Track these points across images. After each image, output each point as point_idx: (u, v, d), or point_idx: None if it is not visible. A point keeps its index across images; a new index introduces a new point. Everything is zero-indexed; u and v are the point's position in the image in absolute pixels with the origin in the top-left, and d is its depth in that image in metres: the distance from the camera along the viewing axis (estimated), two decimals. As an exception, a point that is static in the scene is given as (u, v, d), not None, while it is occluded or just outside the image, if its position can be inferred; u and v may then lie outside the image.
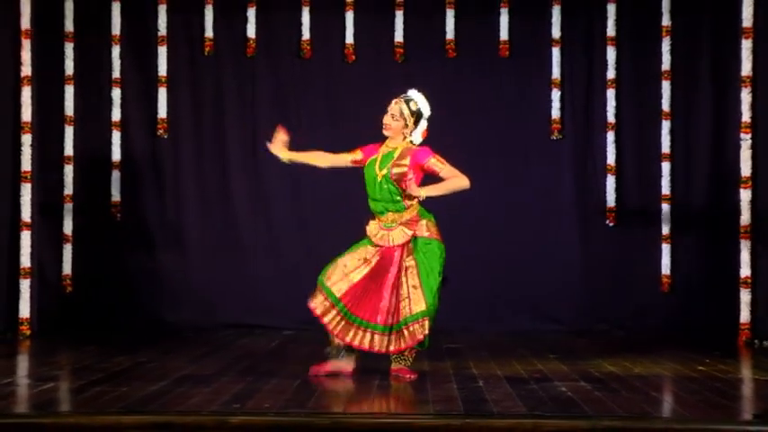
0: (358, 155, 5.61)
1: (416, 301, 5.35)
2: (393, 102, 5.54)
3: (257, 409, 4.40)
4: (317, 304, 5.44)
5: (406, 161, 5.45)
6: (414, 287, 5.37)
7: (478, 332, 7.62)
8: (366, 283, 5.41)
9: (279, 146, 5.69)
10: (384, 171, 5.45)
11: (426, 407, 4.58)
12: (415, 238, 5.45)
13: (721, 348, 6.78)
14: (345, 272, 5.42)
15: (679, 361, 6.18)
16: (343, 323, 5.40)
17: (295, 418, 4.20)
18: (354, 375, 5.42)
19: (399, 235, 5.45)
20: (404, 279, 5.39)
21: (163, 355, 6.37)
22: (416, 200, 5.47)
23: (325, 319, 5.42)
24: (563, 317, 8.06)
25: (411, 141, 5.52)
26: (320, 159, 5.73)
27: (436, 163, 5.46)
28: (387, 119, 5.51)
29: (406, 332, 5.35)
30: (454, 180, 5.47)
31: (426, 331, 5.34)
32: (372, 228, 5.51)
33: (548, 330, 7.87)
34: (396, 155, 5.48)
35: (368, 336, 5.38)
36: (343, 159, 5.67)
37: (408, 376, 5.34)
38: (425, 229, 5.48)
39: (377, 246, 5.46)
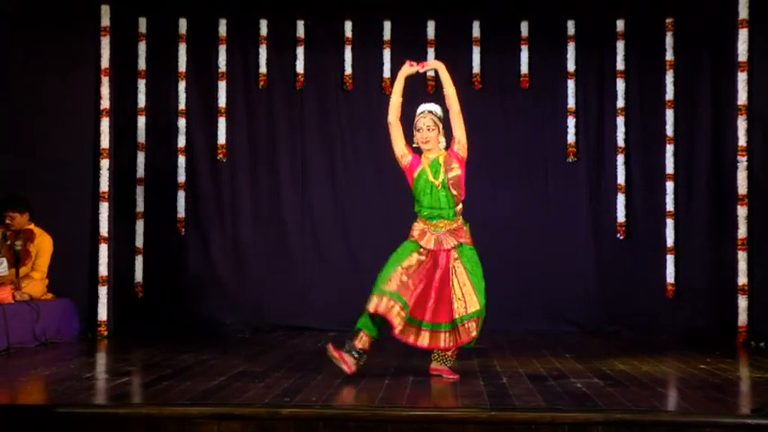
0: (409, 156, 5.32)
1: (471, 301, 5.17)
2: (419, 117, 5.33)
3: (305, 401, 4.41)
4: (381, 305, 5.07)
5: (455, 164, 5.29)
6: (465, 287, 5.19)
7: (502, 333, 7.57)
8: (422, 286, 5.22)
9: (406, 72, 5.38)
10: (441, 178, 5.26)
11: (456, 401, 4.56)
12: (460, 243, 5.31)
13: (721, 349, 6.69)
14: (405, 281, 5.16)
15: (683, 360, 6.11)
16: (404, 324, 5.16)
17: (338, 410, 4.20)
18: (353, 377, 5.15)
19: (449, 240, 5.27)
20: (454, 280, 5.21)
21: (222, 353, 6.39)
22: (461, 206, 5.32)
23: (391, 317, 5.07)
24: (578, 319, 8.01)
25: (444, 146, 5.35)
26: (396, 111, 5.33)
27: (457, 146, 5.31)
28: (424, 134, 5.29)
29: (461, 329, 5.17)
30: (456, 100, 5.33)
31: (478, 329, 5.20)
32: (420, 232, 5.30)
33: (565, 332, 7.82)
34: (442, 161, 5.29)
35: (425, 334, 5.20)
36: (401, 139, 5.33)
37: (450, 377, 5.22)
38: (468, 235, 5.34)
39: (425, 249, 5.25)
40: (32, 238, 7.19)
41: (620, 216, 8.03)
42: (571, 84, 8.09)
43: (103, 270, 7.53)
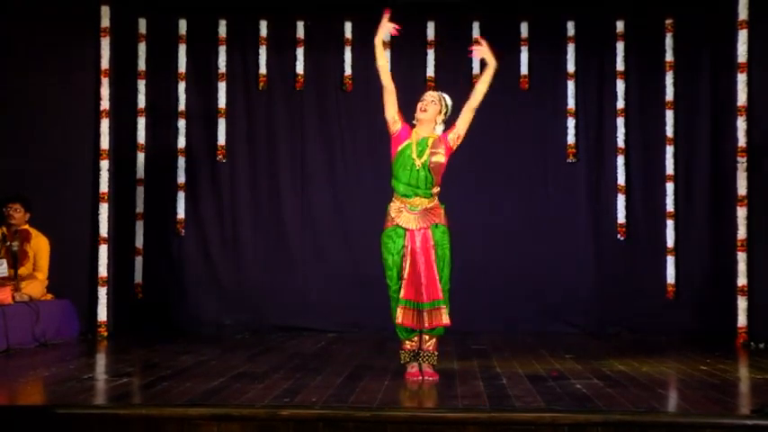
0: (399, 123, 5.25)
1: (437, 290, 5.13)
2: (427, 93, 5.36)
3: (305, 402, 4.41)
4: (400, 316, 5.15)
5: (442, 149, 5.21)
6: (434, 271, 5.14)
7: (502, 334, 7.58)
8: (416, 275, 5.17)
9: (385, 30, 5.33)
10: (423, 159, 5.18)
11: (455, 402, 4.56)
12: (435, 224, 5.24)
13: (721, 350, 6.71)
14: (410, 282, 5.14)
15: (682, 361, 6.12)
16: (417, 315, 5.17)
17: (338, 411, 4.20)
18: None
19: (424, 219, 5.19)
20: (432, 258, 5.16)
21: (222, 354, 6.40)
22: (439, 189, 5.24)
23: (411, 323, 5.16)
24: (578, 321, 8.01)
25: (439, 131, 5.30)
26: (388, 74, 5.27)
27: (452, 134, 5.26)
28: (426, 104, 5.25)
29: (434, 312, 5.13)
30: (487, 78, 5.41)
31: (447, 317, 5.14)
32: (397, 211, 5.23)
33: (564, 333, 7.82)
34: (430, 143, 5.22)
35: (432, 314, 5.17)
36: (393, 105, 5.27)
37: (433, 378, 5.19)
38: (443, 216, 5.28)
39: (406, 230, 5.18)
40: (29, 238, 7.21)
41: (620, 217, 8.03)
42: (571, 84, 8.09)
43: (103, 271, 7.54)
